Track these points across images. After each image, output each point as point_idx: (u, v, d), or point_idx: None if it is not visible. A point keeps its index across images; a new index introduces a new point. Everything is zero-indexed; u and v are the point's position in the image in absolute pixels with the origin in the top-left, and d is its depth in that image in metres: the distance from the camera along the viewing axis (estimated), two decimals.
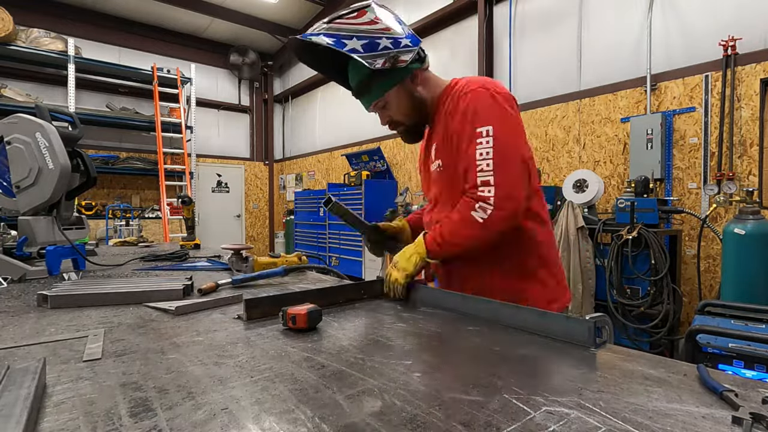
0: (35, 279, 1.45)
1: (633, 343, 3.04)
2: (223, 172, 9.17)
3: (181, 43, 8.42)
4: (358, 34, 1.03)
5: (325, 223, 6.77)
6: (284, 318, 0.85)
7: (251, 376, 0.60)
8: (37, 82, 6.95)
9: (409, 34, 1.09)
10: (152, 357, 0.69)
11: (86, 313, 1.00)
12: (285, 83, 9.62)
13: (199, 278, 1.46)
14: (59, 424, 0.47)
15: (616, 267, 3.13)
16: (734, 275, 2.68)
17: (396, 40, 1.06)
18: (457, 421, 0.47)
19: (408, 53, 1.07)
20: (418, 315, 0.99)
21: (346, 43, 1.01)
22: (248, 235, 9.52)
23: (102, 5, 7.30)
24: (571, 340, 0.75)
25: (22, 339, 0.79)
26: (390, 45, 1.04)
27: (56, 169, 1.59)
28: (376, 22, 1.04)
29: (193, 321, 0.93)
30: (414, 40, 1.10)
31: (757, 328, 1.89)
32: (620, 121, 3.85)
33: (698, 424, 0.46)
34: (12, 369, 0.56)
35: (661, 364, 0.65)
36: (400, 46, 1.06)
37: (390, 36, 1.05)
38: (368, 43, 1.03)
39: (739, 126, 3.17)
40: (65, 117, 1.90)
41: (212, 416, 0.48)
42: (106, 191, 7.54)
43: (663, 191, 3.53)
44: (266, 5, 7.50)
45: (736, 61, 3.15)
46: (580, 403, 0.51)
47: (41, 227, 1.63)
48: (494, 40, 4.98)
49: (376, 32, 1.04)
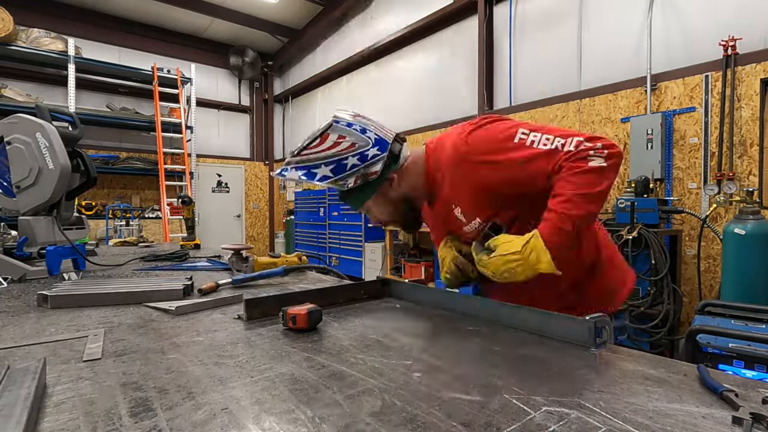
0: (35, 279, 1.45)
1: (633, 343, 3.04)
2: (223, 172, 9.16)
3: (182, 43, 8.42)
4: (325, 161, 1.04)
5: (325, 224, 6.78)
6: (284, 318, 0.85)
7: (251, 376, 0.60)
8: (37, 82, 6.95)
9: (376, 140, 1.06)
10: (152, 357, 0.69)
11: (86, 313, 1.00)
12: (285, 83, 9.62)
13: (199, 278, 1.46)
14: (59, 424, 0.47)
15: None
16: (734, 275, 2.68)
17: (362, 155, 1.04)
18: (457, 421, 0.47)
19: (377, 163, 1.05)
20: (418, 315, 0.99)
21: (316, 173, 1.04)
22: (248, 235, 9.52)
23: (102, 5, 7.30)
24: (571, 340, 0.75)
25: (22, 339, 0.79)
26: (357, 161, 1.04)
27: (56, 169, 1.59)
28: (339, 142, 1.04)
29: (194, 321, 0.93)
30: (382, 146, 1.06)
31: (758, 328, 1.89)
32: (620, 121, 3.84)
33: (698, 424, 0.46)
34: (12, 369, 0.56)
35: (661, 364, 0.65)
36: (367, 159, 1.05)
37: (356, 152, 1.04)
38: (336, 166, 1.04)
39: (739, 126, 3.16)
40: (65, 117, 1.90)
41: (212, 416, 0.48)
42: (106, 191, 7.54)
43: (663, 191, 3.53)
44: (266, 5, 7.50)
45: (736, 61, 3.14)
46: (580, 403, 0.51)
47: (41, 227, 1.63)
48: (494, 40, 4.98)
49: (341, 153, 1.04)
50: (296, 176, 1.05)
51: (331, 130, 1.05)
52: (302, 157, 1.06)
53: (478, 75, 5.02)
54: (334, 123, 1.06)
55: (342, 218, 6.38)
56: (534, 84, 4.59)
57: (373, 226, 5.82)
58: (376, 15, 6.77)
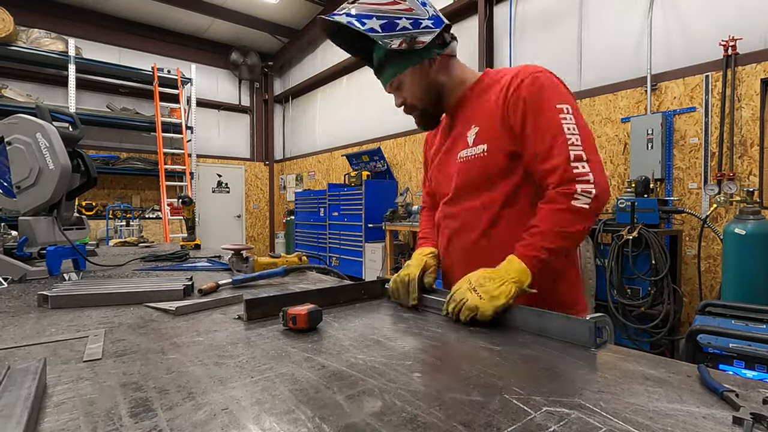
0: (36, 279, 1.45)
1: (633, 344, 3.04)
2: (223, 172, 9.17)
3: (182, 43, 8.42)
4: (378, 14, 1.01)
5: (325, 224, 6.78)
6: (284, 318, 0.85)
7: (251, 377, 0.60)
8: (37, 82, 6.95)
9: (432, 16, 1.06)
10: (152, 357, 0.69)
11: (86, 313, 1.00)
12: (285, 83, 9.62)
13: (199, 278, 1.46)
14: (59, 424, 0.47)
15: (617, 267, 3.12)
16: (735, 275, 2.68)
17: (416, 21, 1.03)
18: (458, 421, 0.47)
19: (428, 35, 1.05)
20: (418, 315, 0.99)
21: (366, 23, 1.01)
22: (248, 236, 9.52)
23: (102, 5, 7.30)
24: (571, 340, 0.75)
25: (22, 339, 0.79)
26: (409, 25, 1.03)
27: (57, 170, 1.59)
28: (398, 2, 1.03)
29: (194, 321, 0.93)
30: (437, 22, 1.07)
31: (758, 328, 1.88)
32: (620, 121, 3.84)
33: (699, 425, 0.46)
34: (12, 369, 0.56)
35: (661, 364, 0.65)
36: (419, 26, 1.04)
37: (410, 16, 1.03)
38: (387, 22, 1.01)
39: (739, 126, 3.16)
40: (66, 117, 1.90)
41: (212, 416, 0.48)
42: (106, 191, 7.54)
43: (663, 191, 3.53)
44: (266, 5, 7.50)
45: (736, 61, 3.14)
46: (580, 403, 0.51)
47: (42, 227, 1.63)
48: (494, 40, 4.98)
49: (396, 12, 1.02)
50: (344, 20, 1.01)
51: None
52: (358, 4, 1.03)
53: None
54: None
55: (342, 218, 6.38)
56: None
57: (373, 228, 5.82)
58: None
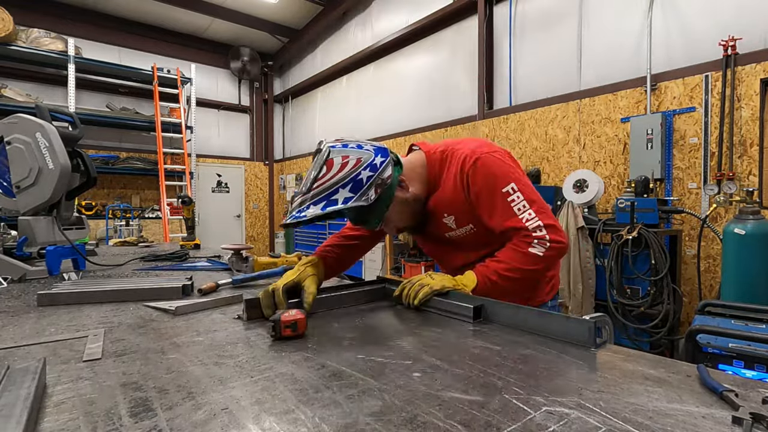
0: (35, 279, 1.45)
1: (633, 343, 3.04)
2: (223, 172, 9.16)
3: (182, 43, 8.42)
4: (341, 183, 0.99)
5: (325, 223, 6.77)
6: (277, 329, 0.79)
7: (251, 376, 0.60)
8: (37, 82, 6.95)
9: (375, 149, 1.06)
10: (152, 357, 0.69)
11: (86, 313, 1.00)
12: (285, 83, 9.62)
13: (199, 278, 1.46)
14: (59, 424, 0.47)
15: (616, 267, 3.12)
16: (734, 275, 2.68)
17: (372, 165, 1.02)
18: (457, 421, 0.47)
19: (387, 167, 1.04)
20: (419, 315, 0.99)
21: (337, 198, 0.98)
22: (248, 235, 9.52)
23: (102, 5, 7.30)
24: (571, 340, 0.75)
25: (22, 339, 0.79)
26: (370, 172, 1.01)
27: (56, 169, 1.59)
28: (346, 161, 1.00)
29: (193, 321, 0.93)
30: (383, 152, 1.06)
31: (758, 328, 1.88)
32: (620, 121, 3.84)
33: (698, 424, 0.46)
34: (12, 369, 0.56)
35: (661, 364, 0.65)
36: (378, 168, 1.02)
37: (365, 165, 1.01)
38: (353, 184, 0.99)
39: (739, 126, 3.16)
40: (65, 117, 1.90)
41: (212, 416, 0.48)
42: (106, 191, 7.54)
43: (663, 191, 3.53)
44: (266, 5, 7.50)
45: (736, 61, 3.14)
46: (580, 403, 0.51)
47: (41, 227, 1.63)
48: (494, 40, 4.98)
49: (353, 170, 1.00)
50: (317, 211, 0.97)
51: (333, 154, 1.01)
52: (316, 189, 0.99)
53: (478, 75, 5.02)
54: (330, 148, 1.02)
55: (342, 218, 6.37)
56: (534, 84, 4.60)
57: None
58: (376, 15, 6.77)
